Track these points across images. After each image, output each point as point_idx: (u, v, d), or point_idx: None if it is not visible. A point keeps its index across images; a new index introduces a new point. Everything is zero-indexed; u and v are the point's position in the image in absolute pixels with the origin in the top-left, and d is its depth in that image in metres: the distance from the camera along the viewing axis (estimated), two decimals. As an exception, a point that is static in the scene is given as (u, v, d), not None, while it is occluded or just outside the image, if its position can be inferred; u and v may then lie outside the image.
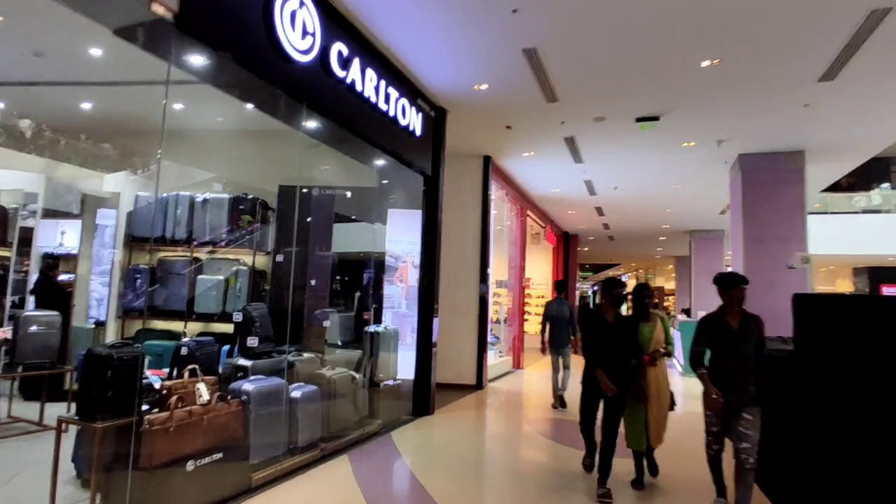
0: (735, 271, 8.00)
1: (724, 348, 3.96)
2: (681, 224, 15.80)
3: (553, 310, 7.81)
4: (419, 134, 6.44)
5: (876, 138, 7.94)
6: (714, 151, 8.60)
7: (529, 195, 12.53)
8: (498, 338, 11.57)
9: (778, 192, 8.42)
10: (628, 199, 12.49)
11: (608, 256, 27.34)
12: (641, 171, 10.07)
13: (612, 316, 4.41)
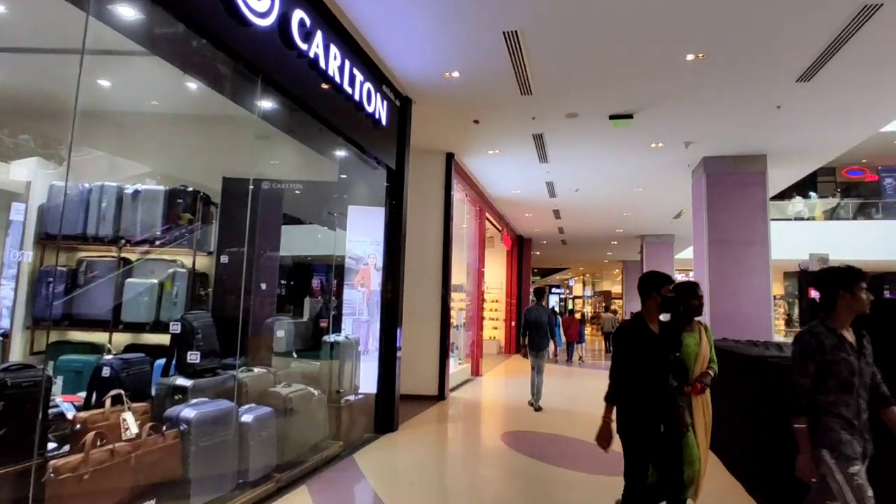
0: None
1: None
2: (634, 228, 15.91)
3: (533, 315, 8.10)
4: (384, 123, 5.87)
5: (832, 145, 8.04)
6: (679, 153, 8.49)
7: (489, 196, 12.16)
8: (456, 346, 11.09)
9: (741, 195, 8.40)
10: (587, 202, 12.35)
11: (558, 261, 27.52)
12: (605, 173, 9.89)
13: (657, 326, 3.20)
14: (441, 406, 8.00)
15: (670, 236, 16.56)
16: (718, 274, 8.26)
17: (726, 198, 8.43)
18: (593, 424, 6.93)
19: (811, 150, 8.23)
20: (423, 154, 8.73)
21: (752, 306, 8.08)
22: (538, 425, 6.85)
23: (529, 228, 16.73)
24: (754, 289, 8.12)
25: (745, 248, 8.25)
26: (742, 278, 8.17)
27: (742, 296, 8.14)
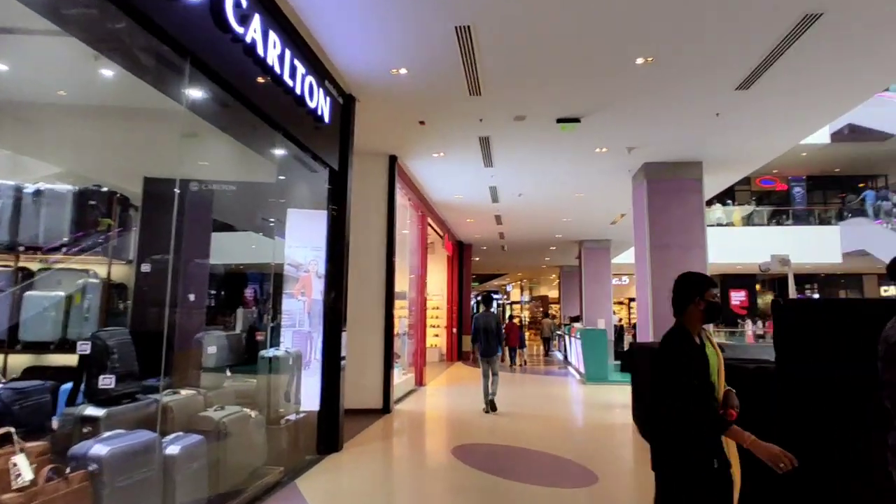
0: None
1: None
2: (573, 234, 16.18)
3: (482, 322, 8.43)
4: (327, 121, 5.49)
5: (761, 153, 8.40)
6: (622, 159, 8.60)
7: (431, 201, 11.92)
8: (398, 355, 10.72)
9: (680, 200, 8.62)
10: (530, 208, 12.38)
11: (497, 266, 27.71)
12: (549, 178, 9.89)
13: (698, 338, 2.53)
14: (387, 420, 7.62)
15: (607, 241, 16.98)
16: (660, 278, 8.41)
17: (666, 203, 8.62)
18: (544, 432, 6.86)
19: (742, 158, 8.57)
20: (366, 156, 8.37)
21: (692, 309, 8.27)
22: (489, 437, 6.64)
23: (470, 234, 16.64)
24: (693, 292, 8.32)
25: (685, 252, 8.46)
26: (682, 282, 8.35)
27: (682, 299, 8.32)
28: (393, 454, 6.07)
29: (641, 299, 8.94)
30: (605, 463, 5.57)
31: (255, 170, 5.87)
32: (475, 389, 10.69)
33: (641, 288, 8.92)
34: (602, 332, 12.19)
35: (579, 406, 9.13)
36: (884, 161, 23.94)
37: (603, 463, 5.54)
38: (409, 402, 9.29)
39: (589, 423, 7.59)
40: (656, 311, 8.32)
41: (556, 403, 9.33)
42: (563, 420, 7.84)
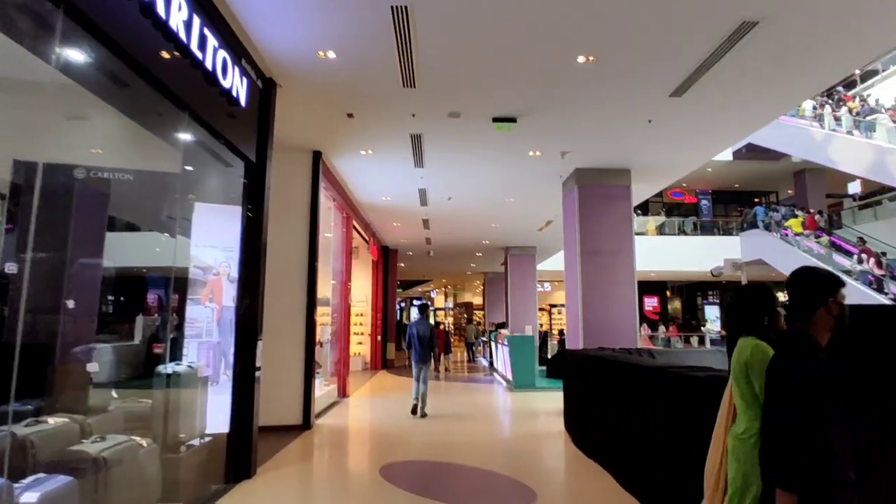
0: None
1: None
2: (500, 240, 16.15)
3: (416, 329, 8.79)
4: (244, 105, 4.87)
5: (686, 163, 8.63)
6: (554, 164, 8.53)
7: (357, 203, 11.36)
8: (320, 365, 10.05)
9: (610, 207, 8.67)
10: (459, 212, 12.14)
11: (422, 272, 27.38)
12: (480, 182, 9.67)
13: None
14: (307, 437, 6.99)
15: (533, 248, 17.13)
16: (590, 284, 8.39)
17: (597, 209, 8.64)
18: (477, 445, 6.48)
19: (668, 167, 8.77)
20: (288, 151, 7.73)
21: (621, 314, 8.32)
22: (420, 452, 6.21)
23: (397, 239, 16.18)
24: (622, 298, 8.38)
25: (614, 258, 8.50)
26: (611, 287, 8.38)
27: (612, 305, 8.35)
28: (313, 477, 5.49)
29: (571, 305, 8.90)
30: (542, 477, 5.32)
31: (158, 157, 5.11)
32: (402, 400, 10.24)
33: (571, 294, 8.87)
34: (530, 339, 12.14)
35: (510, 415, 8.92)
36: (776, 178, 26.14)
37: (540, 477, 5.28)
38: (331, 415, 8.66)
39: (522, 434, 7.36)
40: (587, 318, 8.28)
41: (487, 413, 9.06)
42: (495, 431, 7.57)
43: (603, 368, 5.48)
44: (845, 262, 18.25)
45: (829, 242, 19.61)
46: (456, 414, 8.77)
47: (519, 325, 16.27)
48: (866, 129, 17.97)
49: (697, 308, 33.83)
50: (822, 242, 19.81)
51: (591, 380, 5.96)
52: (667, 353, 7.62)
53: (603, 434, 5.37)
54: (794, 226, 22.17)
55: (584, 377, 6.24)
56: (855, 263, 17.72)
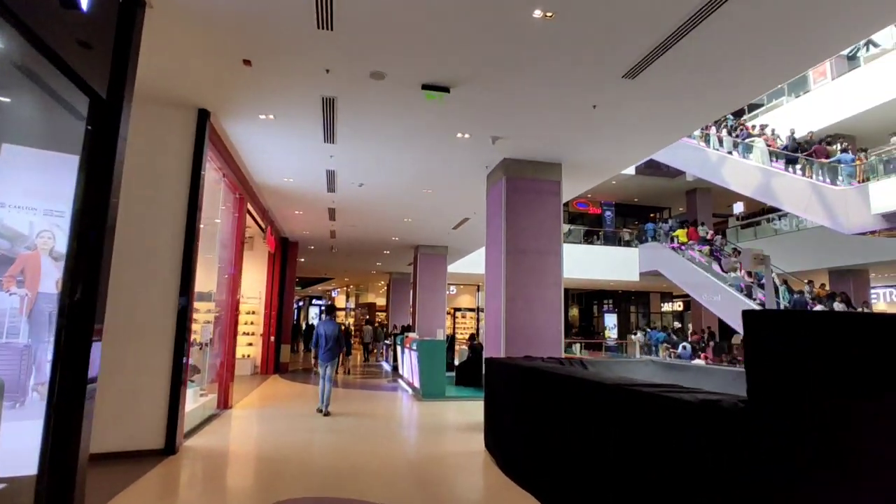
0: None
1: None
2: (410, 237, 15.16)
3: (324, 329, 8.95)
4: (84, 8, 3.45)
5: (618, 161, 8.16)
6: (482, 151, 7.69)
7: (254, 183, 9.82)
8: (198, 370, 8.45)
9: (540, 202, 7.98)
10: (370, 202, 10.98)
11: (323, 269, 25.68)
12: (398, 166, 8.61)
13: None
14: (169, 466, 5.50)
15: (444, 248, 16.32)
16: (515, 285, 7.63)
17: (525, 204, 7.91)
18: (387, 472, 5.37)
19: (600, 165, 8.26)
20: (164, 106, 6.22)
21: (546, 319, 7.63)
22: (318, 483, 4.99)
23: (298, 230, 14.63)
24: (548, 301, 7.70)
25: (541, 258, 7.81)
26: (537, 289, 7.68)
27: (537, 308, 7.64)
28: (169, 526, 4.12)
29: (492, 309, 8.09)
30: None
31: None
32: (296, 410, 8.88)
33: (493, 297, 8.07)
34: (441, 344, 11.23)
35: (421, 431, 7.91)
36: (671, 195, 27.62)
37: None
38: (207, 433, 7.14)
39: (438, 455, 6.38)
40: (510, 322, 7.50)
41: (395, 427, 7.98)
42: (406, 451, 6.52)
43: (542, 383, 4.64)
44: (720, 271, 19.75)
45: (710, 252, 21.05)
46: (360, 429, 7.61)
47: (427, 328, 15.36)
48: (744, 151, 19.39)
49: (594, 316, 35.11)
50: (704, 252, 21.20)
51: (524, 396, 5.11)
52: (597, 363, 7.03)
53: (542, 461, 4.52)
54: (680, 236, 23.65)
55: (515, 392, 5.39)
56: (731, 273, 19.19)
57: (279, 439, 6.89)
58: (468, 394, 11.20)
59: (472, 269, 21.60)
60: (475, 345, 13.16)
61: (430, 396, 10.52)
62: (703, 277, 20.08)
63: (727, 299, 19.33)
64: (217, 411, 8.57)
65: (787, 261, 19.28)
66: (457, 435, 7.53)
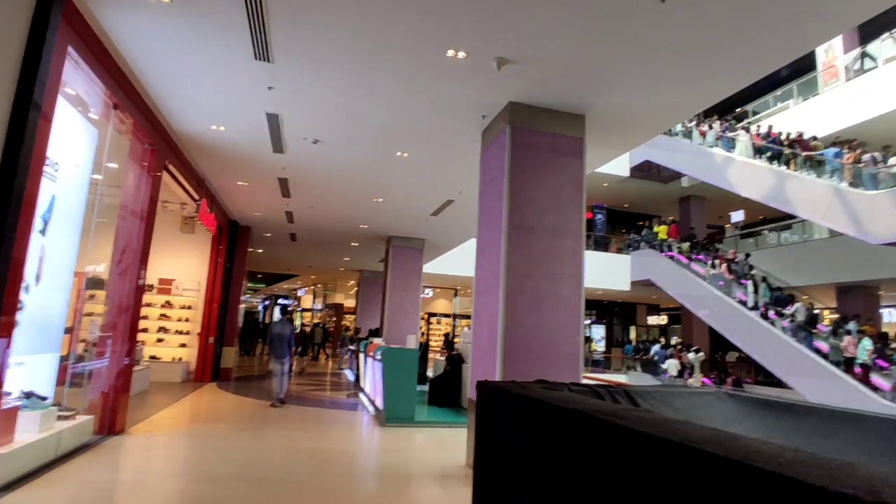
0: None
1: None
2: (382, 225, 12.86)
3: (278, 329, 9.71)
4: None
5: (663, 112, 6.01)
6: (480, 84, 5.49)
7: (173, 130, 7.42)
8: (44, 398, 6.06)
9: (556, 164, 5.80)
10: (330, 171, 8.67)
11: (287, 265, 23.14)
12: (363, 110, 6.33)
13: None
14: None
15: (421, 241, 14.04)
16: (519, 275, 5.43)
17: (536, 166, 5.73)
18: None
19: (636, 119, 6.09)
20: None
21: (561, 324, 5.44)
22: None
23: (248, 210, 12.20)
24: (564, 299, 5.51)
25: (556, 239, 5.63)
26: (549, 283, 5.49)
27: (548, 309, 5.44)
28: None
29: (485, 309, 5.85)
30: None
31: None
32: (216, 436, 6.49)
33: (486, 291, 5.84)
34: (412, 353, 8.94)
35: (378, 480, 5.59)
36: (663, 202, 25.90)
37: None
38: (56, 480, 4.73)
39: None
40: (511, 328, 5.28)
41: (340, 475, 5.64)
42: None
43: (596, 439, 2.41)
44: (700, 270, 18.64)
45: (688, 248, 20.27)
46: (287, 477, 5.27)
47: (397, 333, 13.05)
48: (727, 146, 18.46)
49: (577, 327, 33.20)
50: (683, 249, 20.27)
51: (558, 455, 2.86)
52: (645, 393, 4.83)
53: None
54: (660, 232, 22.12)
55: (539, 445, 3.15)
56: (709, 268, 18.21)
57: (158, 493, 4.51)
58: (443, 418, 8.93)
59: (450, 269, 19.40)
60: (454, 355, 10.90)
61: (396, 420, 8.21)
62: (705, 291, 18.23)
63: (705, 296, 17.97)
64: (94, 439, 6.12)
65: (792, 275, 17.68)
66: (429, 490, 5.23)
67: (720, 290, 17.45)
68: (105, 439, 6.23)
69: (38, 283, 5.81)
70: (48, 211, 5.90)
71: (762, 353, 15.53)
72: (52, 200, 5.94)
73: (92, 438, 6.07)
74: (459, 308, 29.47)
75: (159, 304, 12.56)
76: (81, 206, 6.55)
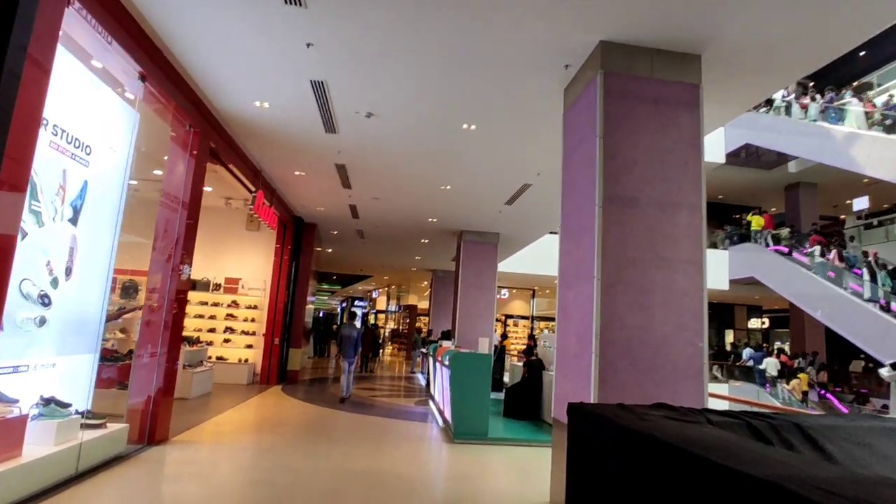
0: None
1: None
2: (452, 220, 11.84)
3: (346, 331, 10.35)
4: None
5: (817, 40, 4.53)
6: (561, 24, 4.27)
7: (216, 109, 6.76)
8: (66, 404, 5.47)
9: (665, 118, 4.48)
10: (389, 152, 7.74)
11: (357, 264, 22.76)
12: (418, 72, 5.30)
13: None
14: None
15: (495, 235, 12.89)
16: (619, 260, 4.16)
17: (637, 122, 4.43)
18: None
19: (776, 53, 4.63)
20: None
21: (676, 325, 4.11)
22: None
23: (311, 204, 11.60)
24: (679, 291, 4.18)
25: (666, 214, 4.31)
26: (660, 269, 4.17)
27: (658, 305, 4.13)
28: None
29: (574, 304, 4.62)
30: None
31: None
32: (266, 452, 5.65)
33: (577, 283, 4.59)
34: (484, 359, 7.80)
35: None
36: (765, 192, 23.09)
37: None
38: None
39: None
40: (609, 330, 4.03)
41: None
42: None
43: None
44: (804, 259, 16.58)
45: (788, 235, 18.31)
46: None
47: (470, 336, 11.97)
48: (834, 119, 16.26)
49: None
50: (783, 236, 18.32)
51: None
52: (831, 429, 3.36)
53: None
54: (753, 222, 19.84)
55: None
56: (817, 257, 16.07)
57: None
58: (521, 434, 7.72)
59: (528, 267, 18.11)
60: (533, 361, 9.64)
61: (466, 437, 7.11)
62: (821, 287, 15.71)
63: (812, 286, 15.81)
64: (129, 450, 5.49)
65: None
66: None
67: (830, 280, 15.16)
68: (142, 450, 5.59)
69: (68, 277, 5.27)
70: (79, 197, 5.35)
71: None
72: (84, 186, 5.39)
73: (126, 449, 5.44)
74: (537, 310, 27.96)
75: (226, 303, 12.26)
76: (120, 193, 6.01)
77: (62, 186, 5.06)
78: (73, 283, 5.27)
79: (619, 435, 2.41)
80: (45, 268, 4.94)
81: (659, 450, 2.02)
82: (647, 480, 2.08)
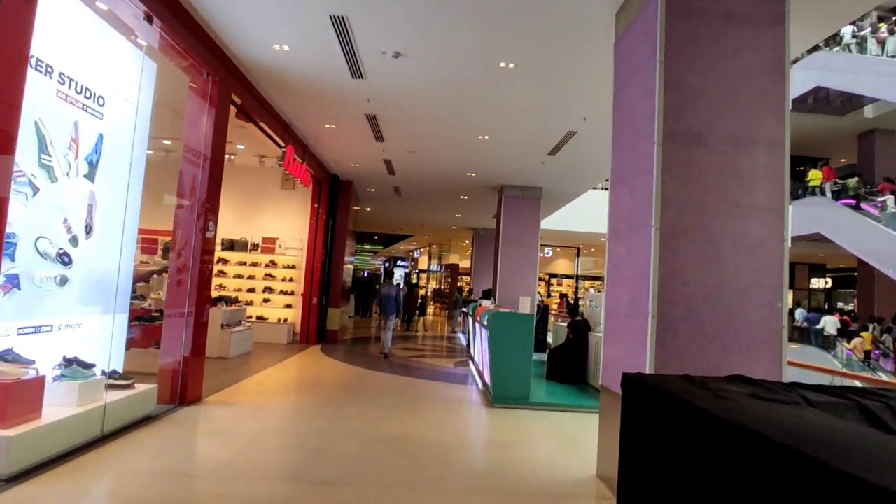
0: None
1: None
2: (492, 173, 11.22)
3: (385, 290, 10.90)
4: None
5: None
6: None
7: (234, 54, 6.33)
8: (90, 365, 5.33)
9: (735, 41, 3.74)
10: (421, 97, 7.17)
11: (397, 223, 22.48)
12: (454, 2, 4.69)
13: None
14: None
15: (538, 189, 12.20)
16: (683, 206, 3.55)
17: (703, 44, 3.72)
18: None
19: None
20: None
21: (751, 282, 3.51)
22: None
23: (344, 160, 11.21)
24: (756, 245, 3.55)
25: (740, 154, 3.64)
26: (733, 220, 3.55)
27: (730, 259, 3.52)
28: None
29: (626, 259, 4.06)
30: None
31: None
32: (307, 414, 5.45)
33: (631, 234, 4.02)
34: (525, 319, 7.34)
35: (471, 496, 4.13)
36: (834, 141, 21.09)
37: None
38: (61, 476, 3.93)
39: None
40: (670, 287, 3.47)
41: (423, 487, 4.29)
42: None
43: None
44: (874, 212, 15.47)
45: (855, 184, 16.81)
46: (364, 476, 4.04)
47: (511, 295, 11.50)
48: None
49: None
50: (850, 185, 16.87)
51: None
52: None
53: None
54: (812, 178, 18.52)
55: None
56: (890, 206, 14.86)
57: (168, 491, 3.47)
58: (565, 399, 7.29)
59: (572, 224, 17.37)
60: (578, 321, 9.13)
61: (505, 401, 6.75)
62: None
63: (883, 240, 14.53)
64: (158, 410, 5.38)
65: None
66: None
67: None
68: (172, 411, 5.49)
69: (88, 235, 5.07)
70: (94, 152, 5.10)
71: None
72: (100, 140, 5.13)
73: (156, 409, 5.34)
74: (582, 269, 27.16)
75: (263, 263, 12.20)
76: (142, 148, 5.75)
77: (74, 139, 4.80)
78: (95, 241, 5.08)
79: (691, 418, 1.91)
80: (62, 225, 4.74)
81: (751, 444, 1.52)
82: (733, 482, 1.59)
